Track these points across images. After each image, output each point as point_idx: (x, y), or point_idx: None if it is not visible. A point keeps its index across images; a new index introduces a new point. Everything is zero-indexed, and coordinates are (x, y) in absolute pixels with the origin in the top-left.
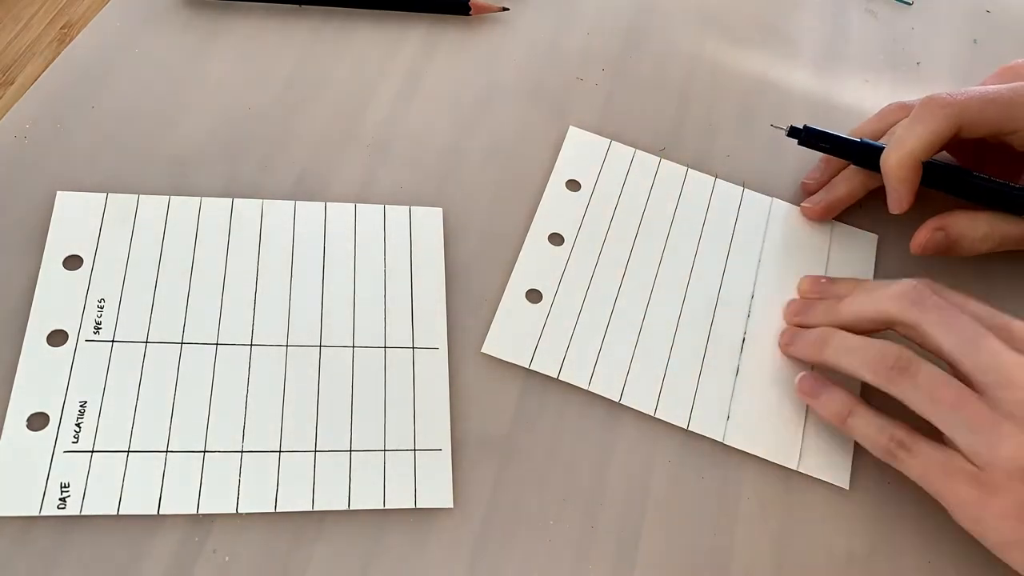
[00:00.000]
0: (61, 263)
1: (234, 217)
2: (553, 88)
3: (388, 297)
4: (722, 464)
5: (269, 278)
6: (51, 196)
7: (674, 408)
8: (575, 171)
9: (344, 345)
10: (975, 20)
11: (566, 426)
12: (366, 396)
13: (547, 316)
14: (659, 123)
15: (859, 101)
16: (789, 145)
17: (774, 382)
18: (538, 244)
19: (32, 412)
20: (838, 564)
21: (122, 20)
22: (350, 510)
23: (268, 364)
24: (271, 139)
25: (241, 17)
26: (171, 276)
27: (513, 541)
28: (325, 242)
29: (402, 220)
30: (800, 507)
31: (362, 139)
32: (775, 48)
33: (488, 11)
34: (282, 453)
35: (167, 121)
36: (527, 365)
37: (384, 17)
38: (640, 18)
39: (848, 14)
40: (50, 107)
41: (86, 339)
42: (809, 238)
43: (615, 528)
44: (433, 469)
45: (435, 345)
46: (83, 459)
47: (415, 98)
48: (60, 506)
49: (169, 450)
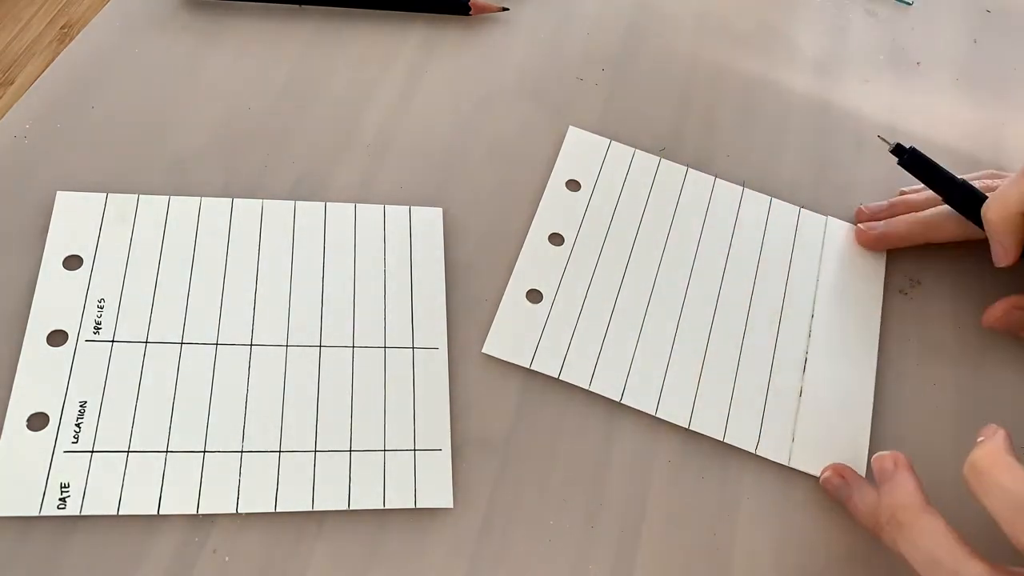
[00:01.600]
0: (61, 263)
1: (234, 217)
2: (553, 88)
3: (388, 297)
4: (722, 464)
5: (269, 278)
6: (51, 196)
7: (675, 407)
8: (575, 171)
9: (344, 345)
10: (975, 20)
11: (566, 426)
12: (366, 396)
13: (547, 316)
14: (659, 123)
15: (859, 101)
16: (789, 145)
17: (775, 380)
18: (538, 244)
19: (32, 412)
20: (838, 564)
21: (122, 20)
22: (350, 510)
23: (268, 364)
24: (271, 139)
25: (241, 17)
26: (171, 276)
27: (513, 541)
28: (325, 242)
29: (402, 220)
30: (800, 507)
31: (362, 139)
32: (775, 48)
33: (488, 11)
34: (282, 453)
35: (167, 121)
36: (527, 365)
37: (384, 17)
38: (640, 18)
39: (848, 14)
40: (50, 107)
41: (86, 339)
42: (807, 239)
43: (615, 528)
44: (433, 469)
45: (435, 345)
46: (83, 459)
47: (415, 98)
48: (60, 506)
49: (169, 450)
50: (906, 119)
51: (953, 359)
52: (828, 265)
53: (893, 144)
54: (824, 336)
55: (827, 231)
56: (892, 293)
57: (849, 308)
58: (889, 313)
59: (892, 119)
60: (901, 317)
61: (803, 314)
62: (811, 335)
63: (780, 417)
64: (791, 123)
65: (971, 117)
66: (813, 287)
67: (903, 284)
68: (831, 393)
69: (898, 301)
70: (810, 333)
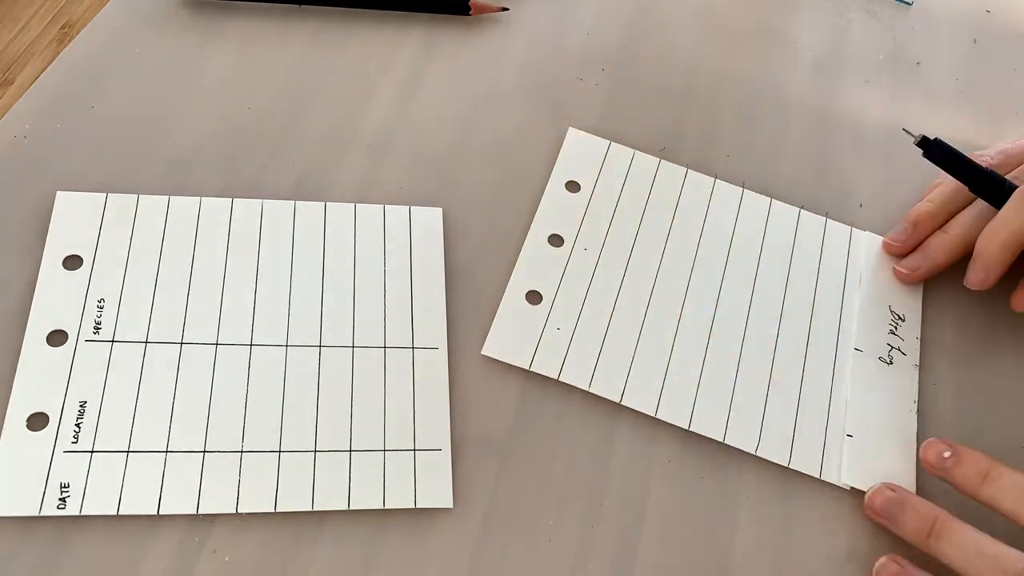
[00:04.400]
0: (61, 263)
1: (234, 217)
2: (553, 88)
3: (388, 297)
4: (722, 464)
5: (269, 278)
6: (51, 196)
7: (675, 408)
8: (575, 172)
9: (344, 345)
10: (975, 20)
11: (566, 426)
12: (366, 396)
13: (547, 317)
14: (659, 123)
15: (859, 101)
16: (789, 146)
17: (775, 381)
18: (538, 245)
19: (32, 412)
20: (838, 564)
21: (122, 20)
22: (350, 510)
23: (268, 364)
24: (271, 139)
25: (241, 17)
26: (171, 276)
27: (513, 541)
28: (325, 242)
29: (402, 220)
30: (800, 507)
31: (362, 139)
32: (775, 48)
33: (488, 11)
34: (282, 453)
35: (167, 121)
36: (527, 367)
37: (384, 17)
38: (640, 18)
39: (848, 14)
40: (50, 107)
41: (86, 339)
42: (807, 239)
43: (615, 528)
44: (433, 469)
45: (435, 345)
46: (83, 459)
47: (415, 98)
48: (60, 506)
49: (169, 450)
50: (906, 119)
51: (953, 359)
52: (828, 264)
53: (918, 137)
54: (825, 336)
55: (827, 231)
56: None
57: (841, 305)
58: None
59: (892, 119)
60: None
61: (803, 314)
62: (811, 334)
63: (780, 418)
64: (791, 123)
65: (971, 117)
66: (813, 287)
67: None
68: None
69: None
70: (810, 332)
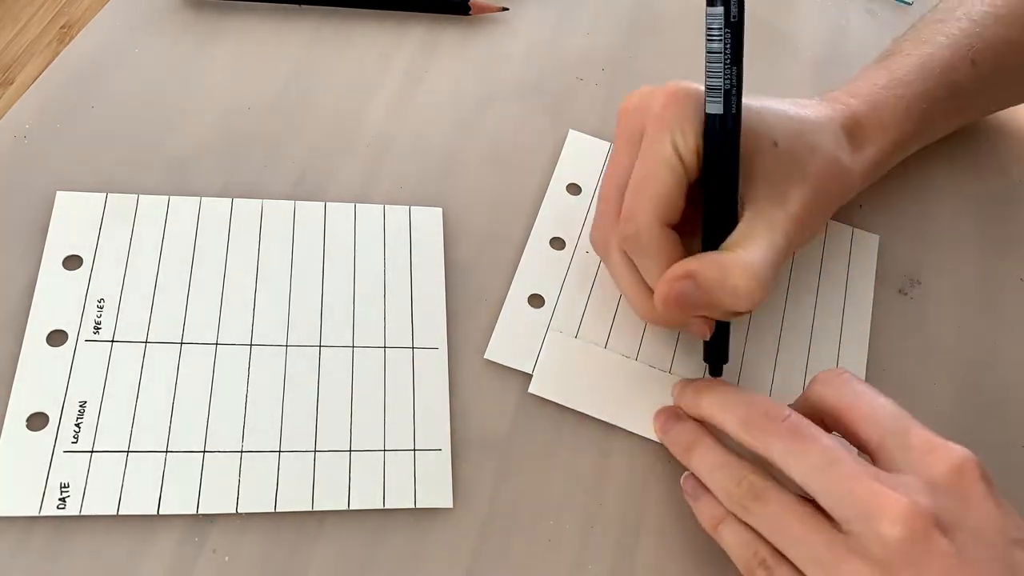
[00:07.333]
0: (61, 263)
1: (234, 217)
2: (553, 88)
3: (388, 297)
4: None
5: (269, 278)
6: (51, 196)
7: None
8: (575, 175)
9: (344, 345)
10: None
11: (566, 426)
12: (366, 396)
13: (549, 321)
14: None
15: None
16: None
17: (775, 380)
18: (539, 248)
19: (32, 412)
20: None
21: (122, 20)
22: (350, 510)
23: (268, 364)
24: (271, 139)
25: (241, 17)
26: (171, 276)
27: (513, 541)
28: (325, 242)
29: (402, 220)
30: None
31: (362, 139)
32: (775, 48)
33: (488, 11)
34: (282, 453)
35: (167, 121)
36: (530, 371)
37: (384, 17)
38: (640, 18)
39: (848, 14)
40: (50, 107)
41: (86, 339)
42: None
43: (614, 528)
44: (433, 469)
45: (435, 345)
46: (83, 459)
47: (415, 98)
48: (60, 506)
49: (169, 450)
50: None
51: (953, 359)
52: (829, 268)
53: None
54: (822, 334)
55: (826, 231)
56: (892, 293)
57: (844, 305)
58: (889, 313)
59: None
60: (901, 317)
61: (803, 315)
62: (812, 334)
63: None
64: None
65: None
66: (814, 287)
67: (903, 284)
68: None
69: (898, 301)
70: (811, 332)
